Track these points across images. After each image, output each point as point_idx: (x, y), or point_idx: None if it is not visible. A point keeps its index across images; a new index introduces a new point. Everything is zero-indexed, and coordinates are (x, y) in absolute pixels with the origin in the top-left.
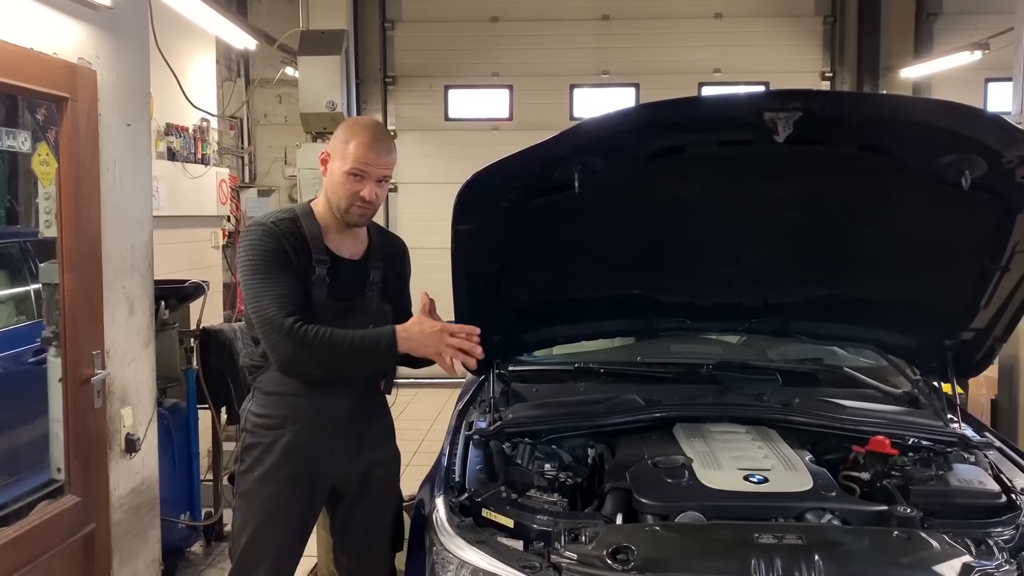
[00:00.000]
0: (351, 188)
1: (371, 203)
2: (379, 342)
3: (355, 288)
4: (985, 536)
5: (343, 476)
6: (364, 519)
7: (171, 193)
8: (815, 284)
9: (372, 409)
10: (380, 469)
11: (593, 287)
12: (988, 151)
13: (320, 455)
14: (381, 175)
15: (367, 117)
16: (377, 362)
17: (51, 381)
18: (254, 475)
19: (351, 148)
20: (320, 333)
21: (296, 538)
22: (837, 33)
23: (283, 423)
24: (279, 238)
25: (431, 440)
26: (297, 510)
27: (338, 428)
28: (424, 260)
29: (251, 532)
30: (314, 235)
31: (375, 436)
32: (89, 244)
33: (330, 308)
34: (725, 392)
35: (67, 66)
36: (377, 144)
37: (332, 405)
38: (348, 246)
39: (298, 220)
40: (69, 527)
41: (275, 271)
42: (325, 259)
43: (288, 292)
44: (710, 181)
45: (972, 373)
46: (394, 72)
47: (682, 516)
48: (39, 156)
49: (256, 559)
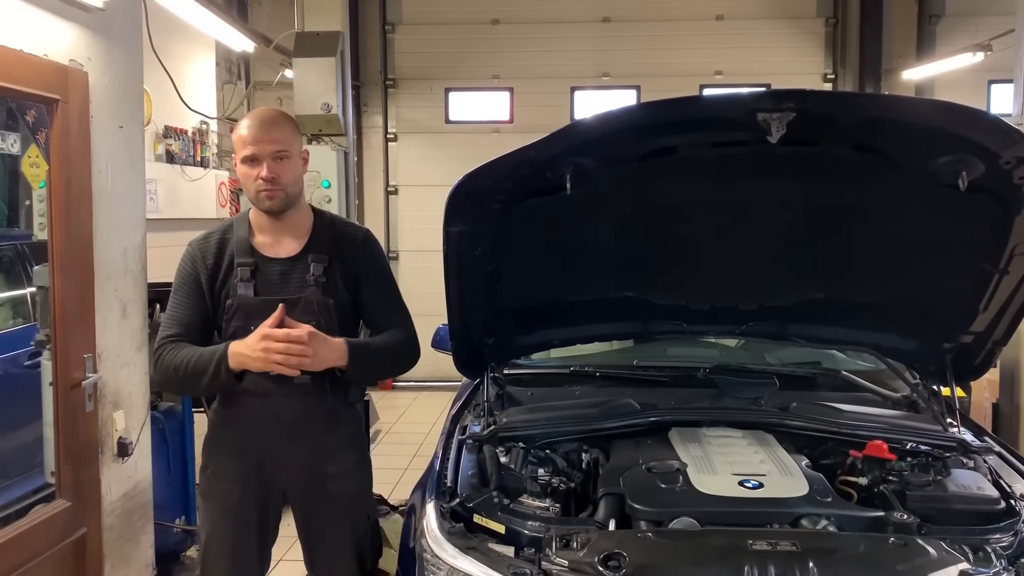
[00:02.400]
0: (249, 174)
1: (273, 181)
2: (210, 361)
3: (289, 284)
4: (983, 543)
5: (291, 481)
6: (321, 534)
7: (169, 196)
8: (811, 287)
9: (329, 418)
10: (335, 483)
11: (587, 290)
12: (986, 152)
13: (268, 456)
14: (272, 151)
15: (258, 108)
16: (214, 381)
17: (44, 385)
18: (208, 472)
19: (238, 137)
20: (166, 355)
21: (255, 538)
22: (839, 35)
23: (235, 421)
24: (193, 258)
25: (430, 444)
26: (250, 508)
27: (282, 432)
28: (423, 263)
29: (208, 530)
30: (240, 238)
31: (331, 447)
32: (80, 247)
33: (259, 305)
34: (722, 396)
35: (58, 68)
36: (257, 123)
37: (273, 407)
38: (286, 243)
39: (230, 228)
40: (60, 531)
41: (179, 292)
42: (249, 261)
43: (180, 313)
44: (704, 183)
45: (972, 377)
46: (395, 75)
47: (676, 522)
48: (29, 158)
49: (215, 557)
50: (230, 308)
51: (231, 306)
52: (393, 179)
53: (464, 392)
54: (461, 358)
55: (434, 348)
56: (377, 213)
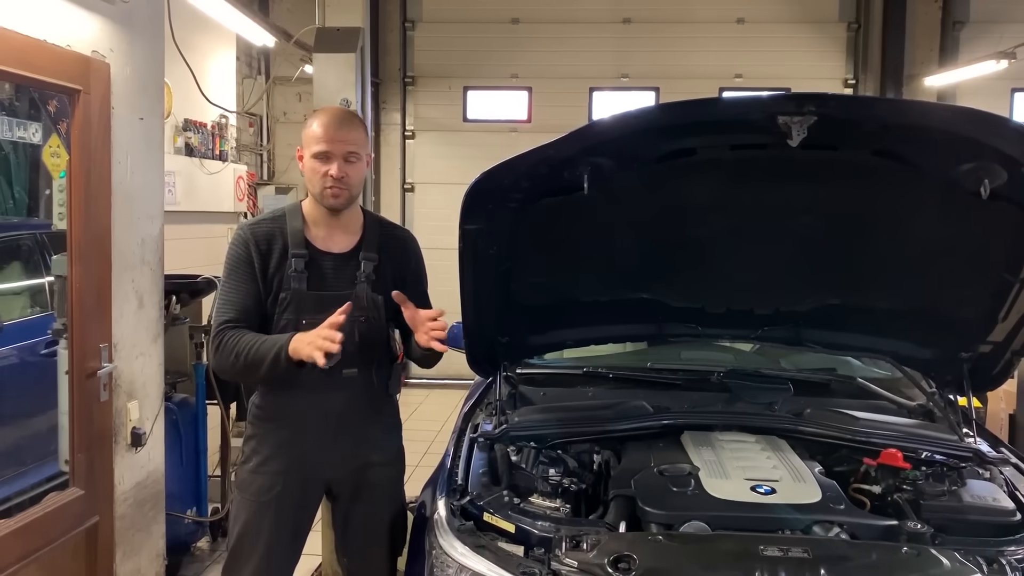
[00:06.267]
0: (318, 169)
1: (341, 180)
2: (273, 347)
3: (340, 279)
4: (998, 555)
5: (336, 475)
6: (360, 521)
7: (187, 188)
8: (828, 292)
9: (371, 410)
10: (377, 471)
11: (602, 290)
12: (1008, 160)
13: (312, 451)
14: (345, 151)
15: (330, 105)
16: (274, 367)
17: (60, 373)
18: (249, 466)
19: (311, 132)
20: (230, 340)
21: (289, 534)
22: (861, 40)
23: (278, 416)
24: (247, 242)
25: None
26: (289, 504)
27: (328, 425)
28: (439, 260)
29: (243, 524)
30: (295, 230)
31: (373, 437)
32: (98, 237)
33: (311, 299)
34: (735, 400)
35: (80, 59)
36: (334, 121)
37: (321, 402)
38: (338, 239)
39: (283, 218)
40: (73, 519)
41: (233, 276)
42: (303, 252)
43: (236, 298)
44: (722, 185)
45: (989, 387)
46: (413, 72)
47: (686, 526)
48: (50, 148)
49: (247, 551)
50: (283, 301)
51: (284, 299)
52: (410, 176)
53: (476, 390)
54: (474, 356)
55: (447, 346)
56: (393, 210)
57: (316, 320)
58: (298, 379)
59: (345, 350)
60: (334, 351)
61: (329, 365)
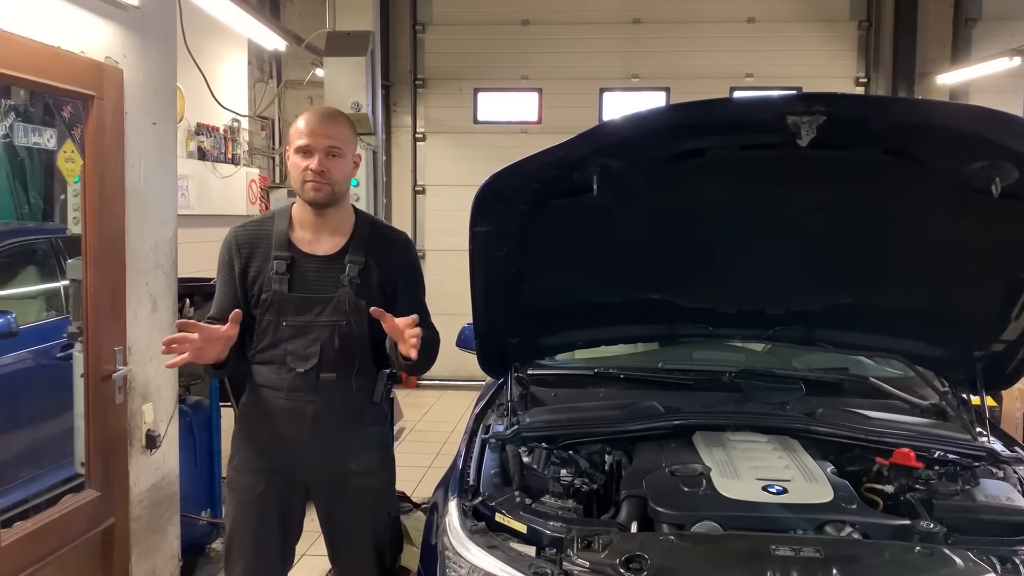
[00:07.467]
0: (300, 164)
1: (322, 175)
2: None
3: (324, 282)
4: (1012, 554)
5: (314, 478)
6: (343, 530)
7: (200, 192)
8: (839, 292)
9: (351, 416)
10: (357, 480)
11: (613, 291)
12: (1020, 158)
13: (290, 452)
14: (326, 145)
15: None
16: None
17: (75, 376)
18: (234, 464)
19: (295, 129)
20: None
21: (276, 532)
22: (872, 38)
23: (259, 416)
24: (228, 245)
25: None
26: (273, 503)
27: (304, 427)
28: (449, 262)
29: (231, 522)
30: (279, 232)
31: (353, 445)
32: (112, 241)
33: (292, 301)
34: (747, 400)
35: (94, 65)
36: (316, 117)
37: (297, 404)
38: (324, 241)
39: (271, 220)
40: (89, 521)
41: (218, 279)
42: (286, 255)
43: (218, 299)
44: (732, 185)
45: (1003, 386)
46: (424, 74)
47: (698, 526)
48: (64, 153)
49: (237, 550)
50: (264, 302)
51: (265, 300)
52: (421, 179)
53: (488, 391)
54: (485, 357)
55: (458, 347)
56: (404, 212)
57: (297, 322)
58: (277, 381)
59: (324, 354)
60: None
61: (298, 369)
